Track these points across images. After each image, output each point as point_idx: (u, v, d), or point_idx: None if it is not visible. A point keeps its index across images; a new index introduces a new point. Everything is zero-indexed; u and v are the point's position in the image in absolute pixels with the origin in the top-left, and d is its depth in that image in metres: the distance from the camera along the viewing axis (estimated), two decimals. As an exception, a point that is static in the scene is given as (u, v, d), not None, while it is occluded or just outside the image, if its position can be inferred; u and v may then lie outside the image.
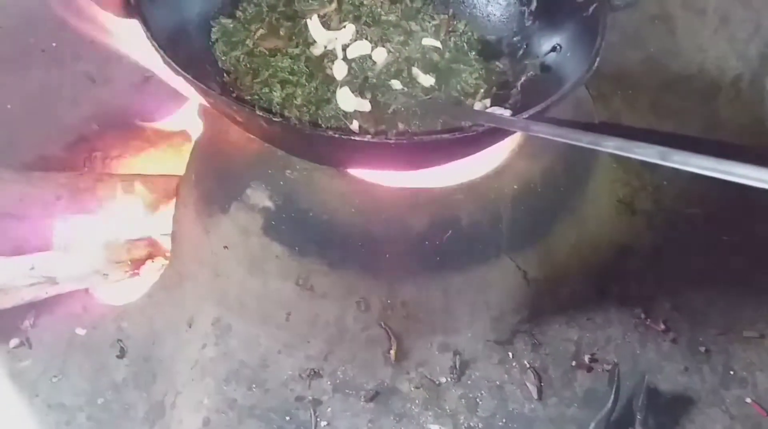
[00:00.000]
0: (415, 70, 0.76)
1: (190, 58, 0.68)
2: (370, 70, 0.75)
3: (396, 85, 0.74)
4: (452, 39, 0.82)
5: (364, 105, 0.72)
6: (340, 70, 0.74)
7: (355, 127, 0.70)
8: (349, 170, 0.74)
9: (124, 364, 0.81)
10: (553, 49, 0.76)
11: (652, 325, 0.85)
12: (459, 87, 0.77)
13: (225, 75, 0.75)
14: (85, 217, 0.88)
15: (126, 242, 0.87)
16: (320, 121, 0.70)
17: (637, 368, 0.81)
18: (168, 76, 0.64)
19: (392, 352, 0.79)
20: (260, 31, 0.78)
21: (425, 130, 0.70)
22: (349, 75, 0.74)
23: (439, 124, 0.71)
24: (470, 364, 0.80)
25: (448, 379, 0.79)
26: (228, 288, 0.80)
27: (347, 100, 0.71)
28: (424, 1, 0.85)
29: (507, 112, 0.70)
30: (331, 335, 0.79)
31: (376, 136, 0.68)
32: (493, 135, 0.62)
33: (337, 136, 0.61)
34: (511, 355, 0.81)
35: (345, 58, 0.76)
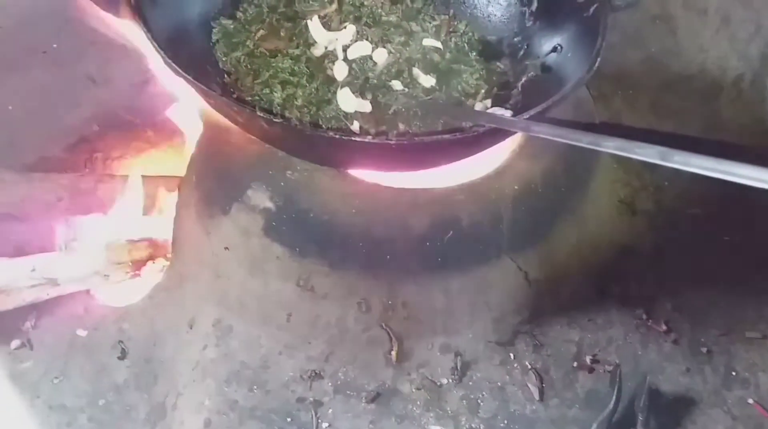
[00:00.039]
0: (416, 71, 0.76)
1: (191, 59, 0.68)
2: (371, 70, 0.75)
3: (397, 85, 0.74)
4: (453, 39, 0.82)
5: (365, 106, 0.72)
6: (340, 71, 0.74)
7: (356, 127, 0.70)
8: (350, 171, 0.74)
9: (125, 366, 0.81)
10: (554, 50, 0.76)
11: (654, 325, 0.85)
12: (460, 87, 0.77)
13: (226, 76, 0.75)
14: (87, 219, 0.89)
15: (127, 243, 0.87)
16: (321, 121, 0.70)
17: (639, 369, 0.81)
18: (169, 77, 0.64)
19: (393, 353, 0.78)
20: (261, 32, 0.78)
21: (426, 131, 0.70)
22: (350, 76, 0.75)
23: (440, 124, 0.71)
24: (471, 365, 0.80)
25: (450, 380, 0.79)
26: (229, 289, 0.80)
27: (348, 101, 0.71)
28: (425, 2, 0.85)
29: (508, 113, 0.70)
30: (332, 336, 0.78)
31: (377, 136, 0.68)
32: (494, 135, 0.62)
33: (338, 137, 0.61)
34: (512, 356, 0.81)
35: (346, 59, 0.76)
